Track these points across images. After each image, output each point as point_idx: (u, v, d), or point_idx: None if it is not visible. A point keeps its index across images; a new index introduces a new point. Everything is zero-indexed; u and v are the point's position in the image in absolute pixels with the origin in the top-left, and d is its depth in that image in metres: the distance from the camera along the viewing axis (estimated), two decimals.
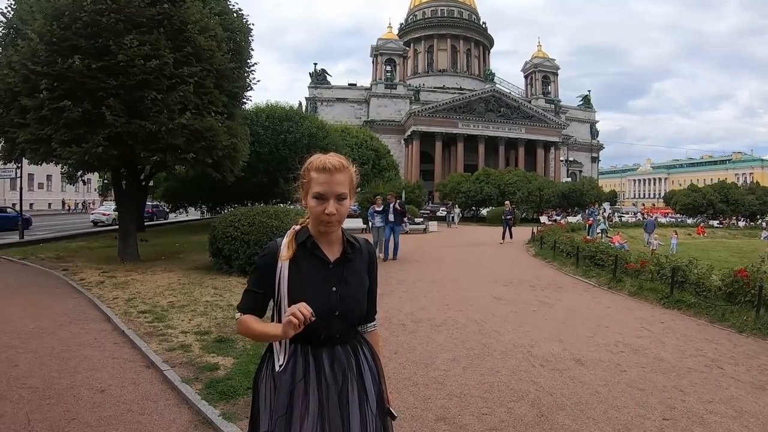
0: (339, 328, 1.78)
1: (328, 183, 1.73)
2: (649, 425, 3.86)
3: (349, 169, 1.83)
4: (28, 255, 13.56)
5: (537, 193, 45.68)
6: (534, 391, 4.53)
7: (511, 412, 4.07)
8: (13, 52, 10.62)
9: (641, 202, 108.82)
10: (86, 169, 13.06)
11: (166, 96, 10.71)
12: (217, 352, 5.39)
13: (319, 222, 1.76)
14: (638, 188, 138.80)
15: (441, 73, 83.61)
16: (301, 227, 1.85)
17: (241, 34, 13.69)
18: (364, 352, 1.87)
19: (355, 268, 1.86)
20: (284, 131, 23.72)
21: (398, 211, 14.25)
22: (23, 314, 7.21)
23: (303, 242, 1.80)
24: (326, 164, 1.75)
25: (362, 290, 1.89)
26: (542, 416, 4.00)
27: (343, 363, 1.78)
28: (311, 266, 1.78)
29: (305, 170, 1.80)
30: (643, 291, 9.37)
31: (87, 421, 3.74)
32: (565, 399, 4.37)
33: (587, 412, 4.10)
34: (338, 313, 1.76)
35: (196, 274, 10.68)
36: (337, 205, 1.73)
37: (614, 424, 3.87)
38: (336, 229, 1.80)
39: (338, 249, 1.85)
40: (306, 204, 1.78)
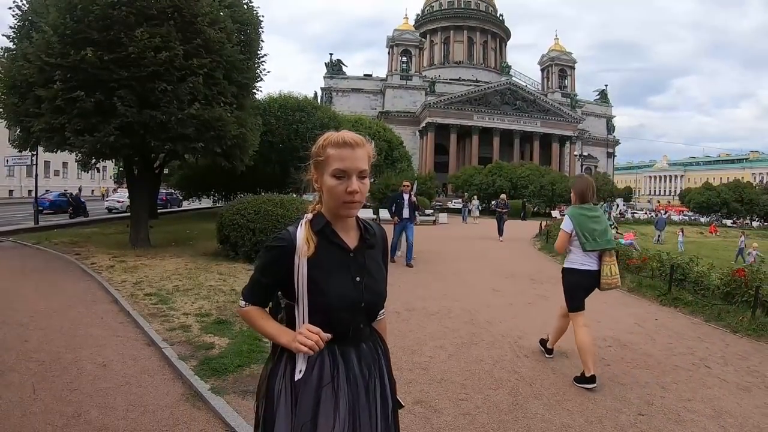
0: (363, 319, 1.71)
1: (350, 158, 1.60)
2: (623, 419, 3.91)
3: (367, 145, 1.68)
4: (42, 240, 13.94)
5: (549, 187, 45.62)
6: (514, 380, 4.66)
7: (488, 399, 4.21)
8: (28, 44, 10.93)
9: (656, 199, 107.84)
10: (99, 157, 13.37)
11: (176, 87, 10.96)
12: (214, 332, 5.65)
13: (339, 203, 1.62)
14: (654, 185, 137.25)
15: (457, 64, 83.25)
16: (314, 215, 1.71)
17: (251, 26, 13.88)
18: (379, 343, 1.82)
19: (374, 255, 1.77)
20: (296, 121, 23.99)
21: (414, 205, 12.15)
22: (35, 295, 7.57)
23: (320, 230, 1.66)
24: (346, 139, 1.63)
25: (383, 278, 1.80)
26: (517, 404, 4.13)
27: (369, 359, 1.71)
28: (331, 256, 1.66)
29: (320, 147, 1.66)
30: (641, 288, 9.37)
31: (88, 392, 4.04)
32: (543, 389, 4.47)
33: (563, 403, 4.19)
34: (364, 304, 1.68)
35: (204, 260, 10.98)
36: (359, 182, 1.61)
37: (588, 415, 3.95)
38: (357, 210, 1.68)
39: (355, 235, 1.74)
40: (321, 186, 1.66)
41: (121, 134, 10.92)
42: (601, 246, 4.80)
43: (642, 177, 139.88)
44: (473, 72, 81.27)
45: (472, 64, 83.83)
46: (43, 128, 11.14)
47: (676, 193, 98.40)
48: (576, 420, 3.87)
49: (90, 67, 10.40)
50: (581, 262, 4.93)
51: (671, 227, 30.77)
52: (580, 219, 4.86)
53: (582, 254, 4.88)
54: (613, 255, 4.95)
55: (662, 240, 23.62)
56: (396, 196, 12.27)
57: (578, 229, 4.83)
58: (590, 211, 4.94)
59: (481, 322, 6.84)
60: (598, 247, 4.79)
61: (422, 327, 6.48)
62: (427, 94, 71.48)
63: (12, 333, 5.61)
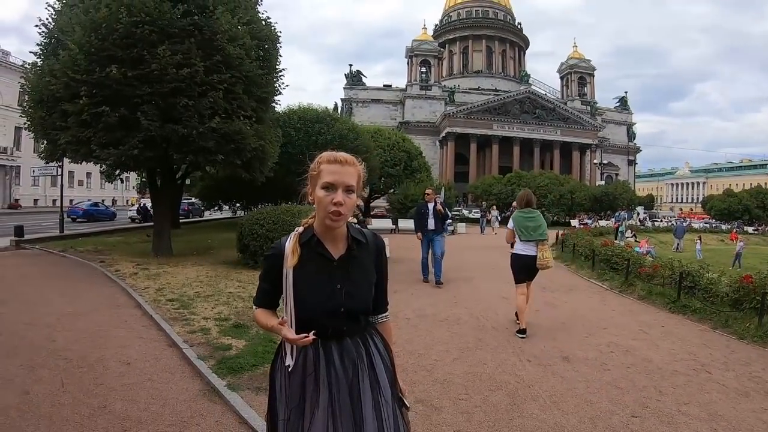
0: (345, 322, 1.83)
1: (338, 173, 1.76)
2: (615, 420, 4.01)
3: (357, 165, 1.84)
4: (67, 248, 14.49)
5: (568, 196, 45.22)
6: (514, 383, 4.80)
7: (486, 400, 4.38)
8: (55, 61, 11.45)
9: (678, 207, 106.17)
10: (123, 169, 13.92)
11: (197, 102, 11.39)
12: (232, 335, 5.97)
13: (326, 214, 1.76)
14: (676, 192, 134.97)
15: (476, 74, 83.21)
16: (305, 228, 1.89)
17: (269, 41, 14.23)
18: (375, 343, 1.92)
19: (360, 263, 1.89)
20: (316, 133, 24.36)
21: (440, 215, 10.62)
22: (62, 299, 8.02)
23: (307, 241, 1.84)
24: (337, 157, 1.80)
25: (368, 285, 1.92)
26: (514, 405, 4.28)
27: (353, 355, 1.82)
28: (315, 265, 1.82)
29: (316, 164, 1.83)
30: (652, 295, 9.35)
31: (112, 387, 4.40)
32: (541, 391, 4.60)
33: (559, 404, 4.31)
34: (344, 309, 1.81)
35: (224, 268, 11.35)
36: (345, 196, 1.75)
37: (581, 416, 4.07)
38: (342, 223, 1.81)
39: (343, 246, 1.87)
40: (313, 197, 1.81)
41: (144, 147, 11.40)
42: (534, 238, 6.69)
43: (664, 184, 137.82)
44: (492, 81, 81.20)
45: (491, 73, 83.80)
46: (70, 141, 11.68)
47: (699, 201, 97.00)
48: (569, 420, 3.99)
49: (114, 83, 10.90)
50: (521, 249, 6.80)
51: (691, 235, 30.41)
52: (519, 220, 6.84)
53: (521, 243, 6.78)
54: (545, 244, 6.79)
55: (681, 248, 23.49)
56: (419, 206, 10.98)
57: (517, 227, 6.81)
58: (528, 213, 6.90)
59: (488, 328, 6.99)
60: (531, 239, 6.69)
61: (430, 332, 6.67)
62: (446, 103, 71.58)
63: (40, 334, 6.02)
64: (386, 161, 37.21)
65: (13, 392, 4.26)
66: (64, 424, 3.70)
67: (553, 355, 5.76)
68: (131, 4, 10.80)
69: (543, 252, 6.67)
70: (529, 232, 6.71)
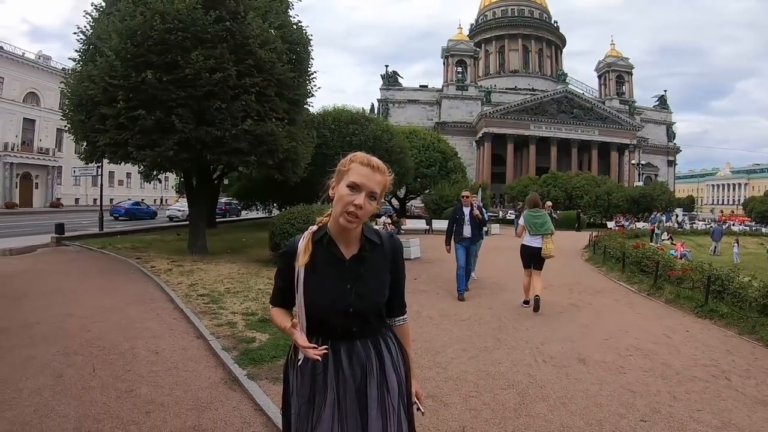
0: (355, 323, 1.82)
1: (367, 177, 1.76)
2: (623, 424, 3.99)
3: (386, 175, 1.84)
4: (106, 245, 15.16)
5: (605, 197, 44.41)
6: (526, 383, 4.84)
7: (496, 398, 4.45)
8: (93, 67, 11.98)
9: (719, 209, 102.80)
10: (160, 170, 14.45)
11: (230, 105, 11.79)
12: (257, 329, 6.25)
13: (343, 212, 1.76)
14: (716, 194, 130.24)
15: (512, 73, 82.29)
16: (319, 227, 1.90)
17: (300, 44, 14.56)
18: (389, 347, 1.91)
19: (373, 265, 1.88)
20: (350, 134, 24.74)
21: (477, 220, 9.55)
22: (98, 293, 8.49)
23: (320, 239, 1.85)
24: (371, 161, 1.80)
25: (381, 287, 1.90)
26: (523, 404, 4.33)
27: (362, 357, 1.82)
28: (326, 264, 1.83)
29: (347, 161, 1.82)
30: (679, 299, 9.17)
31: (141, 373, 4.73)
32: (552, 392, 4.62)
33: (568, 405, 4.32)
34: (352, 309, 1.80)
35: (256, 266, 11.72)
36: (367, 201, 1.75)
37: (589, 418, 4.07)
38: (356, 226, 1.80)
39: (356, 246, 1.87)
40: (335, 192, 1.81)
41: (179, 149, 11.86)
42: (540, 232, 8.31)
43: (704, 185, 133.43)
44: (529, 81, 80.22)
45: (527, 72, 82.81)
46: (108, 143, 12.24)
47: (740, 202, 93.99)
48: (576, 422, 4.00)
49: (150, 88, 11.37)
50: (529, 241, 8.45)
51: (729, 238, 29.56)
52: (528, 218, 8.45)
53: (529, 237, 8.43)
54: (548, 237, 8.33)
55: (719, 251, 22.89)
56: (456, 211, 9.66)
57: (527, 223, 8.43)
58: (535, 213, 8.49)
59: (509, 328, 7.03)
60: (538, 233, 8.32)
61: (450, 331, 6.77)
62: (483, 104, 71.23)
63: (76, 324, 6.45)
64: (421, 162, 37.32)
65: (47, 375, 4.64)
66: (92, 404, 4.02)
67: (570, 356, 5.76)
68: (165, 12, 11.26)
69: (547, 244, 8.27)
70: (536, 227, 8.35)
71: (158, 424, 3.73)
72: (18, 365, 4.87)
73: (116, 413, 3.89)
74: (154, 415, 3.88)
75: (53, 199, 49.52)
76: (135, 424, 3.73)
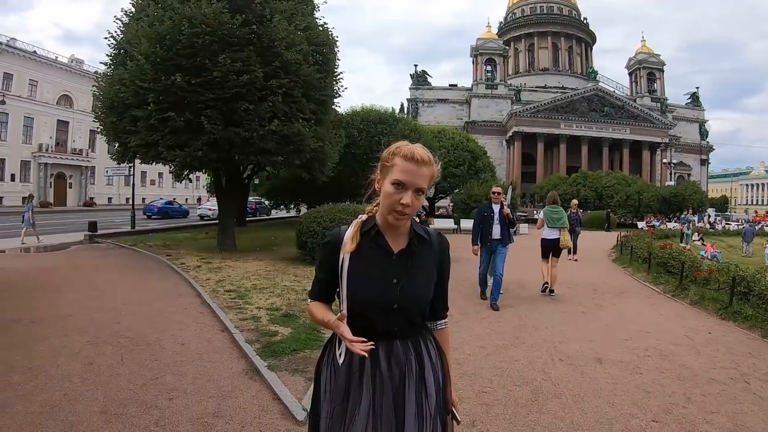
0: (397, 321, 1.75)
1: (412, 173, 1.68)
2: (634, 424, 3.98)
3: (433, 165, 1.75)
4: (137, 243, 15.69)
5: (636, 197, 43.65)
6: (540, 380, 4.88)
7: (509, 394, 4.51)
8: (124, 71, 12.44)
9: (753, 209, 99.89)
10: (190, 170, 14.85)
11: (257, 106, 12.09)
12: (280, 323, 6.49)
13: (390, 210, 1.71)
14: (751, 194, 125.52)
15: (542, 72, 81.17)
16: (368, 216, 1.84)
17: (326, 46, 14.78)
18: (428, 350, 1.83)
19: (421, 261, 1.81)
20: (378, 133, 24.89)
21: (507, 219, 8.62)
22: (129, 288, 8.88)
23: (368, 231, 1.78)
24: (415, 154, 1.70)
25: (426, 285, 1.83)
26: (535, 401, 4.38)
27: (401, 359, 1.75)
28: (373, 256, 1.76)
29: (390, 154, 1.74)
30: (704, 300, 9.02)
31: (166, 363, 4.99)
32: (566, 390, 4.64)
33: (580, 403, 4.33)
34: (397, 306, 1.73)
35: (282, 264, 12.00)
36: (414, 197, 1.68)
37: (599, 417, 4.08)
38: (406, 221, 1.76)
39: (404, 241, 1.81)
40: (380, 188, 1.75)
41: (208, 149, 12.22)
42: (557, 225, 9.70)
43: (738, 185, 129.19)
44: (559, 79, 79.10)
45: (557, 70, 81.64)
46: (139, 144, 12.72)
47: None
48: (586, 420, 4.01)
49: (179, 90, 11.77)
50: (548, 234, 9.84)
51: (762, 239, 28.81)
52: (548, 213, 9.83)
53: (548, 230, 9.80)
54: (564, 230, 9.81)
55: (750, 252, 22.38)
56: (482, 208, 8.88)
57: (546, 218, 9.80)
58: (554, 209, 9.86)
59: (528, 327, 7.07)
60: (555, 226, 9.70)
61: (470, 328, 6.85)
62: (512, 102, 70.60)
63: (107, 316, 6.78)
64: (450, 161, 37.22)
65: (78, 362, 4.94)
66: (119, 390, 4.28)
67: (587, 356, 5.75)
68: (192, 16, 11.61)
69: (563, 236, 9.78)
70: (554, 221, 9.73)
71: (180, 410, 3.94)
72: (50, 353, 5.17)
73: (141, 398, 4.13)
74: (177, 401, 4.10)
75: (86, 199, 51.18)
76: (158, 408, 3.95)
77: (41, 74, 47.21)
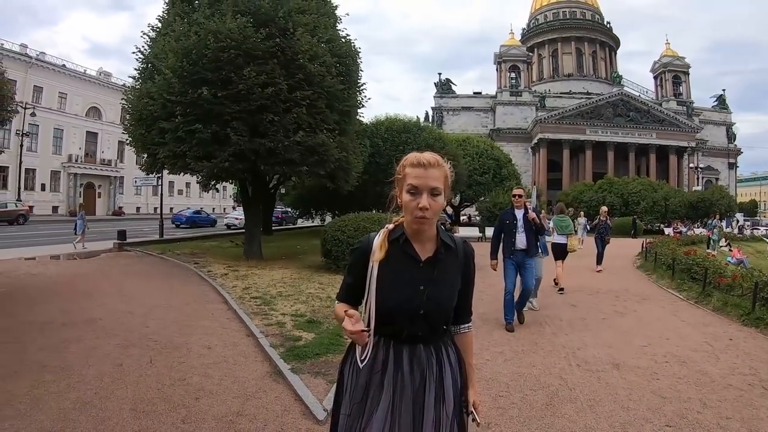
0: (422, 327, 1.80)
1: (422, 177, 1.76)
2: (648, 428, 4.01)
3: (443, 166, 1.83)
4: (165, 251, 16.07)
5: (662, 202, 42.79)
6: (557, 385, 4.95)
7: (525, 399, 4.60)
8: (152, 85, 12.89)
9: None
10: (217, 180, 15.23)
11: (282, 117, 12.41)
12: (304, 329, 6.71)
13: (412, 216, 1.78)
14: None
15: (567, 77, 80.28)
16: (395, 226, 1.90)
17: (349, 57, 15.06)
18: (449, 355, 1.88)
19: (447, 268, 1.87)
20: (402, 142, 25.15)
21: (534, 226, 7.41)
22: (157, 294, 9.21)
23: (396, 239, 1.86)
24: (420, 160, 1.79)
25: (451, 291, 1.89)
26: (551, 405, 4.45)
27: (423, 363, 1.80)
28: (401, 263, 1.83)
29: (401, 167, 1.84)
30: (727, 306, 8.91)
31: (193, 365, 5.23)
32: (581, 395, 4.69)
33: (595, 408, 4.39)
34: (423, 312, 1.79)
35: (308, 272, 12.23)
36: (431, 199, 1.75)
37: (613, 421, 4.12)
38: (429, 225, 1.82)
39: (431, 248, 1.87)
40: (401, 200, 1.82)
41: (234, 160, 12.57)
42: (565, 232, 11.01)
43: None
44: (584, 84, 78.11)
45: (581, 75, 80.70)
46: (168, 155, 13.13)
47: None
48: (600, 424, 4.06)
49: (206, 103, 12.12)
50: (557, 239, 11.02)
51: None
52: (556, 222, 11.07)
53: (558, 236, 11.03)
54: (572, 236, 11.23)
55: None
56: (504, 215, 7.63)
57: (555, 225, 11.02)
58: (561, 217, 11.21)
59: (547, 333, 7.12)
60: (563, 233, 11.00)
61: (490, 334, 6.94)
62: (537, 109, 70.03)
63: (136, 321, 7.09)
64: (475, 169, 37.28)
65: (108, 363, 5.22)
66: (147, 390, 4.53)
67: (605, 361, 5.78)
68: (218, 31, 11.98)
69: (571, 241, 11.10)
70: (562, 228, 11.01)
71: (205, 408, 4.16)
72: (81, 354, 5.46)
73: (169, 397, 4.36)
74: (203, 400, 4.32)
75: (115, 208, 52.54)
76: (185, 407, 4.18)
77: (70, 87, 48.85)
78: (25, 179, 42.53)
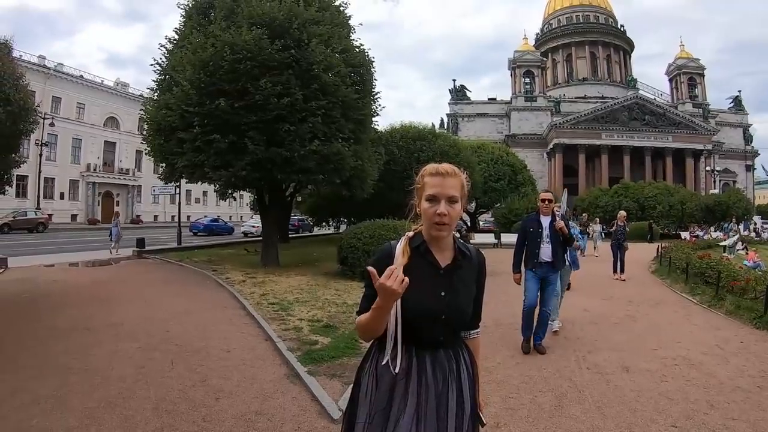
0: (443, 331, 1.87)
1: (440, 185, 1.84)
2: (653, 429, 4.09)
3: (459, 176, 1.90)
4: (184, 258, 16.45)
5: (679, 206, 42.27)
6: (566, 387, 5.05)
7: (534, 400, 4.71)
8: (170, 96, 13.21)
9: None
10: (234, 188, 15.49)
11: (298, 127, 12.66)
12: (320, 334, 6.91)
13: (431, 224, 1.85)
14: None
15: (581, 82, 79.51)
16: (415, 233, 1.94)
17: (363, 67, 15.33)
18: (465, 358, 1.96)
19: (464, 275, 1.95)
20: (417, 150, 25.17)
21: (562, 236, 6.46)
22: (177, 300, 9.48)
23: (416, 247, 1.90)
24: (438, 169, 1.88)
25: (469, 298, 1.97)
26: (559, 406, 4.55)
27: (445, 367, 1.86)
28: (422, 270, 1.86)
29: (420, 177, 1.92)
30: (740, 310, 8.89)
31: (213, 367, 5.47)
32: (589, 397, 4.78)
33: (603, 409, 4.47)
34: (444, 317, 1.85)
35: (324, 278, 12.43)
36: (449, 207, 1.82)
37: (620, 422, 4.20)
38: (447, 232, 1.88)
39: (449, 255, 1.93)
40: (420, 208, 1.90)
41: (251, 169, 12.86)
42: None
43: None
44: (598, 88, 77.43)
45: (596, 80, 79.99)
46: (186, 165, 13.47)
47: None
48: (607, 424, 4.15)
49: (223, 114, 12.42)
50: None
51: None
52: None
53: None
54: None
55: None
56: (527, 222, 6.77)
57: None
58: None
59: (559, 337, 7.20)
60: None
61: (503, 338, 7.03)
62: (552, 114, 69.65)
63: (157, 326, 7.35)
64: (490, 176, 37.20)
65: (130, 366, 5.47)
66: (169, 390, 4.76)
67: (615, 364, 5.83)
68: (234, 43, 12.28)
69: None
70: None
71: (225, 408, 4.38)
72: (105, 358, 5.72)
73: (190, 398, 4.58)
74: (223, 401, 4.54)
75: (133, 216, 53.26)
76: (206, 407, 4.40)
77: (88, 97, 49.95)
78: (44, 188, 43.46)
